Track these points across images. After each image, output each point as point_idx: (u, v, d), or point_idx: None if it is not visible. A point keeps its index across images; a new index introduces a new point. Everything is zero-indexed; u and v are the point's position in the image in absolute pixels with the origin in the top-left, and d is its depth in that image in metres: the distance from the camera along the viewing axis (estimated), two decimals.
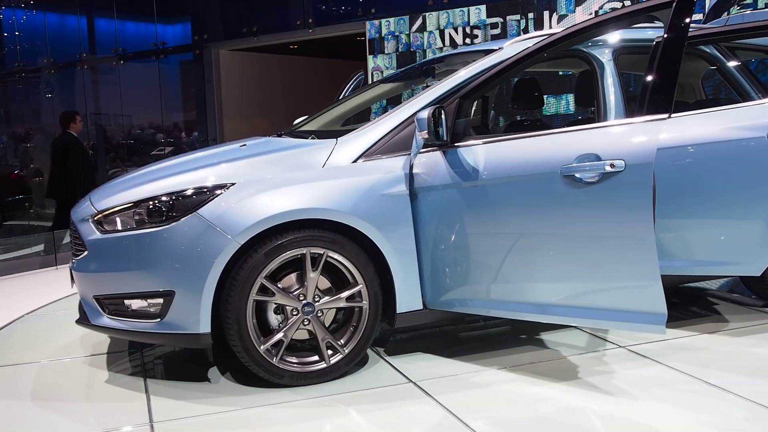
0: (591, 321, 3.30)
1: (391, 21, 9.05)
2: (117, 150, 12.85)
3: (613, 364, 3.58)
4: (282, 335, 3.34)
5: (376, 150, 3.54)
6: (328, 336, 3.42)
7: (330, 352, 3.42)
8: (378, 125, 3.62)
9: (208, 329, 3.22)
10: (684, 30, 3.08)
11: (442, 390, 3.29)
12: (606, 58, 3.87)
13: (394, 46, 9.08)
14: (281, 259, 3.28)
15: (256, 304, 3.29)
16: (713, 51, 4.28)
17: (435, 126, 3.30)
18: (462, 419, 2.98)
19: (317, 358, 3.42)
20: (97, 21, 12.64)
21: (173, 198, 3.31)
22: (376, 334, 3.54)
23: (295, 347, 3.44)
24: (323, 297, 3.41)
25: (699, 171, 3.85)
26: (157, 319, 3.29)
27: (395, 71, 8.05)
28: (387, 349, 3.89)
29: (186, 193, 3.31)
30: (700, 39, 4.01)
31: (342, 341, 3.46)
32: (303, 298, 3.36)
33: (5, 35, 13.12)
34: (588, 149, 3.15)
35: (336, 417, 3.09)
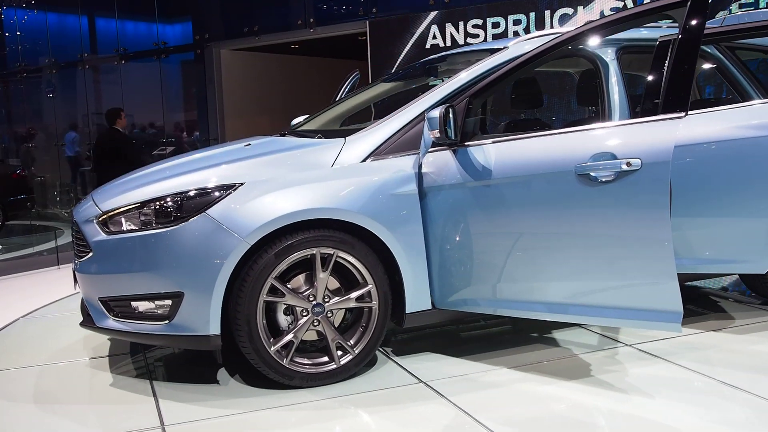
0: (606, 320, 3.29)
1: None
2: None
3: (623, 362, 3.57)
4: (292, 336, 3.31)
5: (384, 149, 3.52)
6: (338, 337, 3.40)
7: (340, 353, 3.40)
8: (386, 124, 3.60)
9: (218, 331, 3.20)
10: (699, 29, 3.06)
11: (453, 390, 3.28)
12: (609, 57, 3.86)
13: None
14: (291, 260, 3.26)
15: (265, 305, 3.26)
16: (713, 51, 4.27)
17: (446, 125, 3.28)
18: (476, 418, 2.97)
19: (327, 359, 3.40)
20: (99, 21, 12.62)
21: (181, 198, 3.28)
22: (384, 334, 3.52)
23: (303, 348, 3.42)
24: (333, 297, 3.39)
25: (703, 169, 3.84)
26: (166, 321, 3.26)
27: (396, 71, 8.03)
28: (395, 350, 3.87)
29: (194, 193, 3.28)
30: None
31: (352, 342, 3.44)
32: (313, 298, 3.34)
33: (7, 35, 13.10)
34: (603, 148, 3.14)
35: (349, 418, 3.07)
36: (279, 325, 3.36)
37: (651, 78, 3.22)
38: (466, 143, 3.41)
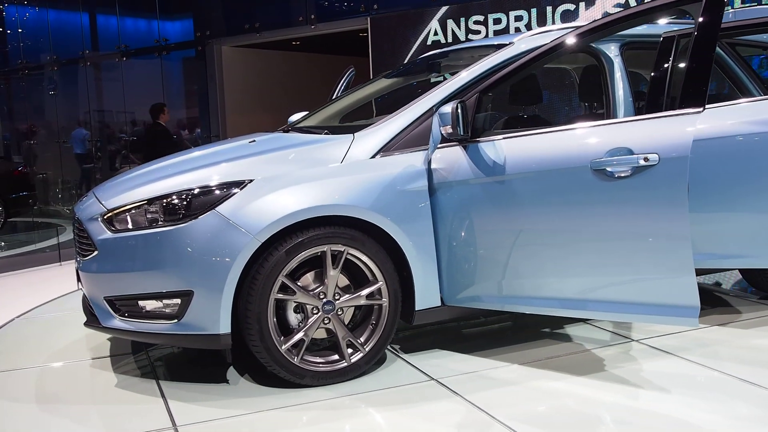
0: (622, 315, 3.27)
1: None
2: (119, 146, 12.83)
3: (632, 358, 3.56)
4: (303, 334, 3.29)
5: (393, 145, 3.49)
6: (348, 334, 3.37)
7: (350, 350, 3.38)
8: (394, 120, 3.57)
9: (228, 329, 3.16)
10: (716, 24, 3.04)
11: (465, 386, 3.26)
12: (613, 53, 3.84)
13: None
14: (302, 257, 3.22)
15: (275, 303, 3.23)
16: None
17: (458, 121, 3.25)
18: (492, 414, 2.96)
19: (337, 357, 3.37)
20: (100, 18, 12.61)
21: (190, 195, 3.24)
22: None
23: (311, 346, 3.38)
24: (343, 295, 3.36)
25: (713, 164, 3.82)
26: (174, 320, 3.21)
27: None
28: (402, 347, 3.85)
29: (203, 190, 3.24)
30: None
31: (362, 339, 3.41)
32: (323, 296, 3.31)
33: (8, 33, 13.07)
34: (619, 143, 3.11)
35: (363, 417, 3.05)
36: (289, 324, 3.33)
37: (660, 73, 3.19)
38: (476, 139, 3.39)
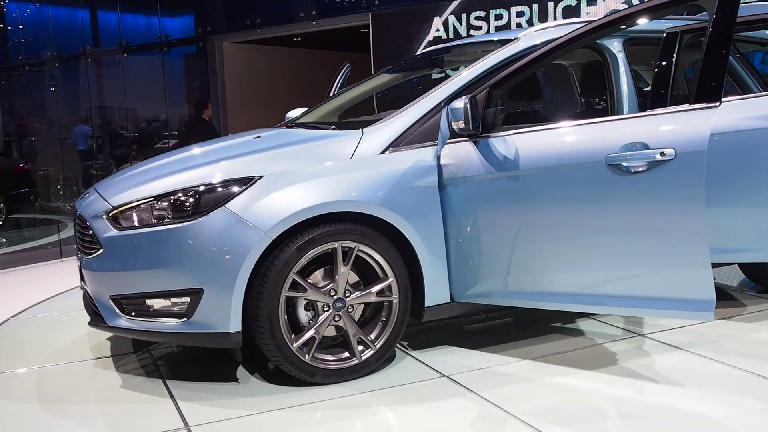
0: (637, 310, 3.25)
1: None
2: (121, 142, 12.81)
3: (642, 352, 3.56)
4: (314, 332, 3.26)
5: (402, 140, 3.46)
6: (359, 332, 3.35)
7: (360, 348, 3.36)
8: (403, 115, 3.54)
9: (238, 328, 3.12)
10: (732, 18, 3.01)
11: (477, 382, 3.24)
12: (617, 49, 3.83)
13: None
14: (312, 254, 3.19)
15: (286, 300, 3.20)
16: None
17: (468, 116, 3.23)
18: (506, 410, 2.95)
19: (348, 354, 3.35)
20: (101, 14, 12.57)
21: (198, 192, 3.20)
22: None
23: (321, 344, 3.35)
24: (353, 292, 3.34)
25: (717, 159, 3.80)
26: (183, 319, 3.17)
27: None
28: (410, 344, 3.82)
29: (212, 187, 3.20)
30: (696, 31, 3.94)
31: (372, 336, 3.39)
32: (334, 293, 3.28)
33: (9, 29, 13.04)
34: (635, 138, 3.08)
35: (375, 415, 3.03)
36: (299, 321, 3.30)
37: (665, 69, 3.17)
38: (487, 134, 3.36)
